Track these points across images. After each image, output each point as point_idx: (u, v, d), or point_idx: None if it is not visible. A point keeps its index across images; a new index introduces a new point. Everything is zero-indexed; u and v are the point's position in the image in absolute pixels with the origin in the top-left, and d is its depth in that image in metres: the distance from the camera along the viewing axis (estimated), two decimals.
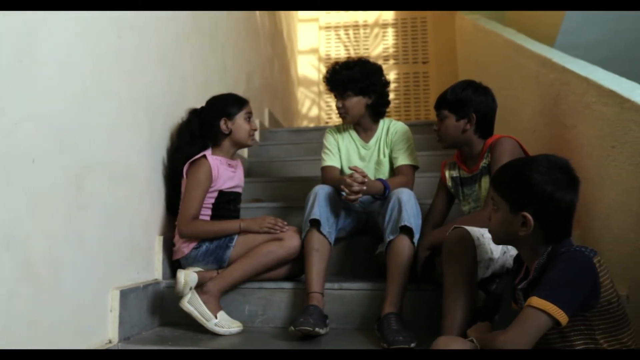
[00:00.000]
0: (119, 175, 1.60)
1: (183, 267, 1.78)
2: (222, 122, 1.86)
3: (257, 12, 3.39)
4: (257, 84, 3.35)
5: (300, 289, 1.74)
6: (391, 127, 1.99)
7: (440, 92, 1.80)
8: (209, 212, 1.83)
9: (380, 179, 1.80)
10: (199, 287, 1.68)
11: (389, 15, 4.98)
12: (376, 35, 4.99)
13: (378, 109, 2.01)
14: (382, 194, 1.74)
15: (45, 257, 1.25)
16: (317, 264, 1.67)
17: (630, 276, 1.35)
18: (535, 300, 1.06)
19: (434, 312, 1.55)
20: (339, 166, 2.01)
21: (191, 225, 1.75)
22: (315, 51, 5.02)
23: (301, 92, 4.90)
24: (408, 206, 1.61)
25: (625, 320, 1.11)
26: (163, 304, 1.79)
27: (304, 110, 4.99)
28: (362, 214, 1.96)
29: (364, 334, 1.63)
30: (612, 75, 1.57)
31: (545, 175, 1.13)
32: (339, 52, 5.01)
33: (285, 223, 1.80)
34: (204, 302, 1.65)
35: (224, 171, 1.86)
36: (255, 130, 1.92)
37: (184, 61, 2.15)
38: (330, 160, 2.00)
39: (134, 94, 1.70)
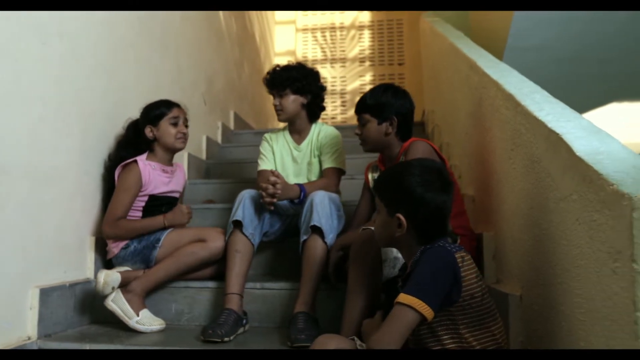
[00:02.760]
0: (42, 177, 1.64)
1: (114, 267, 1.84)
2: (147, 130, 1.92)
3: (221, 15, 3.44)
4: (220, 86, 3.40)
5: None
6: (322, 131, 2.07)
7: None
8: (140, 214, 1.88)
9: (298, 184, 1.85)
10: (124, 286, 1.73)
11: (365, 17, 5.01)
12: (352, 37, 5.02)
13: (313, 110, 2.09)
14: (298, 197, 1.79)
15: None
16: (237, 265, 1.71)
17: (524, 277, 1.38)
18: (401, 297, 1.09)
19: None
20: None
21: (114, 225, 1.80)
22: (292, 53, 5.07)
23: None
24: (320, 207, 1.66)
25: (489, 315, 1.14)
26: (94, 302, 1.84)
27: None
28: (293, 216, 2.00)
29: (282, 332, 1.67)
30: (520, 79, 1.60)
31: (417, 178, 1.17)
32: (316, 54, 5.05)
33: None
34: (128, 301, 1.70)
35: (156, 176, 1.90)
36: (183, 133, 1.96)
37: (126, 66, 2.20)
38: (264, 164, 2.06)
39: (63, 99, 1.75)
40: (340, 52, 4.99)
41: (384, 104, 1.73)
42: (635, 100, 3.52)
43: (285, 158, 2.07)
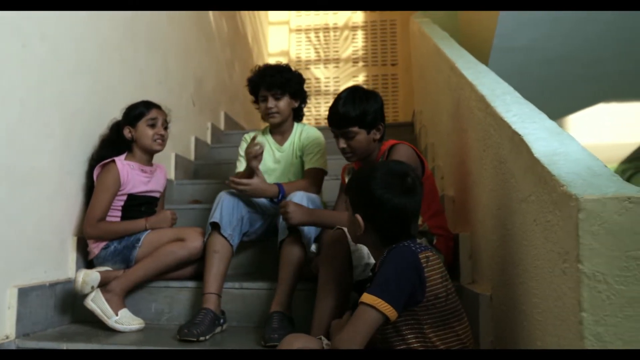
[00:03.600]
0: (22, 178, 1.66)
1: (95, 267, 1.85)
2: (126, 130, 1.94)
3: (211, 16, 3.45)
4: (209, 87, 3.41)
5: None
6: (304, 132, 2.07)
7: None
8: (119, 213, 1.90)
9: (277, 183, 1.85)
10: (104, 286, 1.75)
11: (358, 18, 5.02)
12: (346, 38, 5.03)
13: (299, 113, 2.10)
14: (277, 196, 1.80)
15: None
16: (215, 266, 1.73)
17: (493, 277, 1.39)
18: (365, 297, 1.10)
19: None
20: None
21: (96, 227, 1.82)
22: (285, 53, 5.08)
23: None
24: None
25: (454, 316, 1.14)
26: (76, 302, 1.85)
27: None
28: (275, 215, 2.00)
29: (259, 331, 1.67)
30: (494, 81, 1.60)
31: (378, 180, 1.18)
32: (309, 54, 5.06)
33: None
34: (107, 300, 1.71)
35: (135, 176, 1.92)
36: (161, 135, 1.96)
37: (111, 67, 2.21)
38: (242, 166, 2.07)
39: (44, 100, 1.77)
40: (334, 52, 5.00)
41: (372, 113, 1.65)
42: (622, 101, 3.52)
43: (267, 159, 2.08)
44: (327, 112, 1.74)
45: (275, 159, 2.08)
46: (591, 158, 0.98)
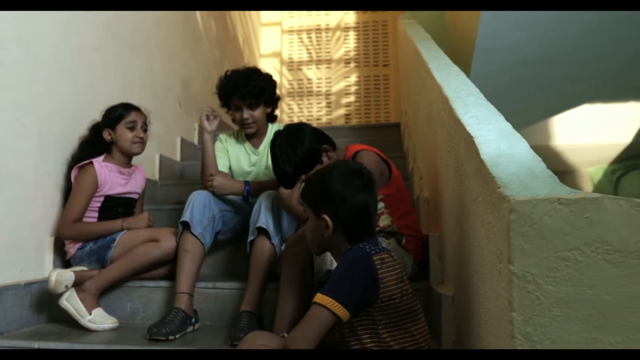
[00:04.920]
0: None
1: (72, 267, 1.87)
2: (105, 133, 1.96)
3: (199, 17, 3.47)
4: (197, 88, 3.43)
5: None
6: None
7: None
8: (96, 214, 1.92)
9: (245, 180, 1.87)
10: (79, 286, 1.77)
11: (350, 19, 5.03)
12: (338, 39, 5.04)
13: (272, 116, 2.12)
14: (242, 193, 1.83)
15: None
16: (187, 265, 1.74)
17: (455, 278, 1.40)
18: (318, 297, 1.12)
19: None
20: (226, 170, 2.08)
21: (72, 228, 1.84)
22: (277, 54, 5.10)
23: None
24: (267, 209, 1.69)
25: (410, 316, 1.15)
26: (52, 301, 1.87)
27: None
28: (250, 214, 2.02)
29: (231, 331, 1.70)
30: (462, 83, 1.61)
31: (336, 177, 1.20)
32: (302, 55, 5.08)
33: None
34: (81, 300, 1.73)
35: (113, 177, 1.94)
36: (140, 137, 1.97)
37: (92, 69, 2.23)
38: (221, 164, 2.07)
39: (20, 102, 1.79)
40: (326, 53, 5.01)
41: (303, 155, 1.65)
42: (607, 101, 3.52)
43: (243, 162, 2.09)
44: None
45: (250, 163, 2.10)
46: (534, 160, 0.99)
